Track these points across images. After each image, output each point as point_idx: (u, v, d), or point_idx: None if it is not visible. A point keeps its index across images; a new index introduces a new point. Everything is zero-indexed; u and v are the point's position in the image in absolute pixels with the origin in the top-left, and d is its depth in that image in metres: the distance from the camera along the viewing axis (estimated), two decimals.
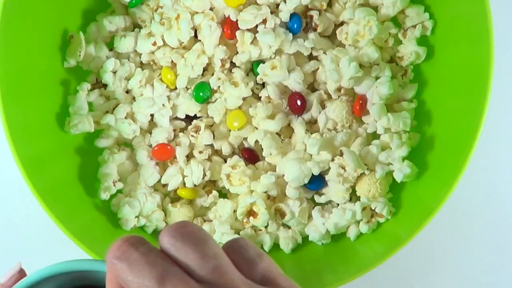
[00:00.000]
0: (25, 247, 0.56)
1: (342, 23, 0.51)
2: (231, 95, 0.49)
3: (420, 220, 0.46)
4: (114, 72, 0.50)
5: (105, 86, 0.51)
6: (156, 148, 0.50)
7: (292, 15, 0.49)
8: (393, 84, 0.49)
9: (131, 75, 0.50)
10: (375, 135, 0.51)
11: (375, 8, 0.50)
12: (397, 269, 0.56)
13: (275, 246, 0.51)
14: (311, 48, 0.50)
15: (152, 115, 0.51)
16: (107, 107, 0.51)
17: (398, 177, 0.48)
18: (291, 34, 0.49)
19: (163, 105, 0.50)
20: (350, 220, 0.49)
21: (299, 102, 0.49)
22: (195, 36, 0.50)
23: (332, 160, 0.48)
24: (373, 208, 0.49)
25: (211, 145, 0.51)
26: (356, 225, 0.50)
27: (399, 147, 0.48)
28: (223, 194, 0.52)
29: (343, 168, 0.48)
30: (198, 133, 0.50)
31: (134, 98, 0.51)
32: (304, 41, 0.49)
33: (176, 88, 0.50)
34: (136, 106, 0.50)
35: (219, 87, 0.49)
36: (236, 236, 0.49)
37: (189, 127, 0.50)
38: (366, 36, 0.48)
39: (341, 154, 0.48)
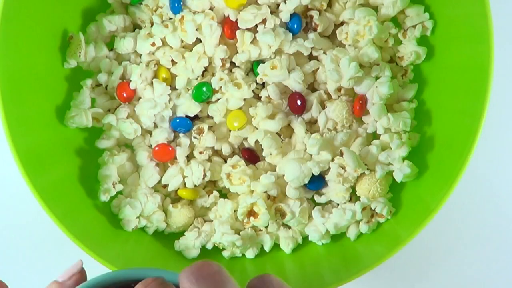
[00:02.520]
0: (25, 247, 0.56)
1: (342, 23, 0.51)
2: (233, 96, 0.49)
3: (420, 220, 0.46)
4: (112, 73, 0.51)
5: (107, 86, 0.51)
6: (157, 148, 0.50)
7: (292, 15, 0.49)
8: (393, 84, 0.49)
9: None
10: (375, 135, 0.51)
11: (375, 8, 0.50)
12: (397, 269, 0.56)
13: (276, 246, 0.51)
14: (311, 48, 0.50)
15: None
16: (110, 105, 0.51)
17: (398, 177, 0.48)
18: (290, 34, 0.49)
19: (165, 104, 0.50)
20: (350, 220, 0.49)
21: (299, 102, 0.49)
22: None
23: (332, 160, 0.48)
24: (373, 208, 0.49)
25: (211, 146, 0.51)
26: (356, 225, 0.50)
27: (399, 147, 0.48)
28: (223, 194, 0.52)
29: (343, 168, 0.48)
30: (201, 135, 0.50)
31: (138, 99, 0.51)
32: (304, 41, 0.49)
33: (176, 88, 0.51)
34: (139, 109, 0.50)
35: (220, 87, 0.49)
36: (236, 236, 0.49)
37: (192, 129, 0.50)
38: (366, 36, 0.48)
39: (341, 154, 0.48)
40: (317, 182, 0.50)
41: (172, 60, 0.50)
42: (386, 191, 0.50)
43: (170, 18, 0.50)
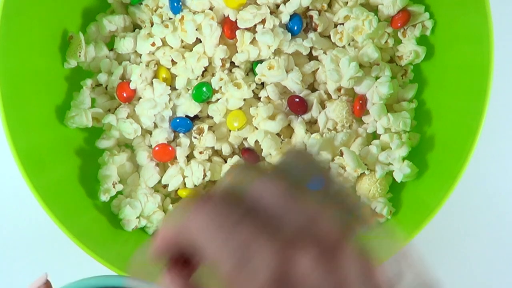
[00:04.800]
0: (26, 247, 0.56)
1: (342, 24, 0.51)
2: (233, 96, 0.49)
3: (420, 220, 0.45)
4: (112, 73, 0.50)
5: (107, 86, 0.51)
6: (157, 148, 0.50)
7: (293, 16, 0.49)
8: (393, 84, 0.49)
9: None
10: (375, 135, 0.51)
11: (375, 8, 0.50)
12: None
13: None
14: (312, 48, 0.50)
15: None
16: (110, 105, 0.51)
17: (398, 177, 0.48)
18: (289, 34, 0.49)
19: (165, 104, 0.49)
20: None
21: (299, 104, 0.49)
22: None
23: (332, 160, 0.48)
24: (373, 208, 0.49)
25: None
26: None
27: (399, 147, 0.48)
28: None
29: (343, 168, 0.48)
30: (202, 135, 0.50)
31: (137, 99, 0.51)
32: (303, 40, 0.49)
33: (176, 88, 0.51)
34: (139, 109, 0.50)
35: (220, 87, 0.49)
36: None
37: (193, 129, 0.50)
38: (365, 31, 0.48)
39: (341, 154, 0.48)
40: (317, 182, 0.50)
41: (172, 60, 0.50)
42: (386, 191, 0.50)
43: (170, 18, 0.50)
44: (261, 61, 0.50)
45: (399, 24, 0.50)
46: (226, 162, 0.51)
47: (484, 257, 0.57)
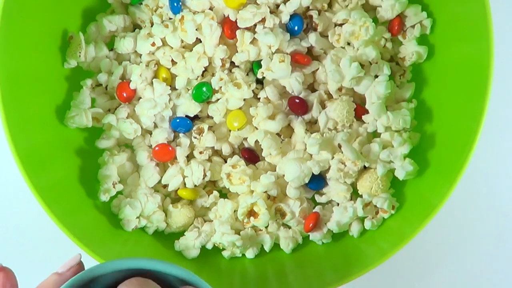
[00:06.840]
0: (26, 247, 0.56)
1: (341, 25, 0.51)
2: (233, 96, 0.49)
3: (422, 218, 0.45)
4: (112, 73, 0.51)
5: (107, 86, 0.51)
6: (157, 148, 0.50)
7: (293, 16, 0.49)
8: (390, 84, 0.49)
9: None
10: (375, 135, 0.51)
11: (374, 10, 0.50)
12: (398, 269, 0.56)
13: (276, 246, 0.51)
14: (312, 48, 0.50)
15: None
16: (110, 105, 0.51)
17: (400, 174, 0.48)
18: (288, 34, 0.49)
19: (165, 104, 0.50)
20: (352, 217, 0.49)
21: (299, 105, 0.49)
22: None
23: (332, 158, 0.48)
24: (374, 204, 0.49)
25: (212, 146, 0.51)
26: (358, 222, 0.50)
27: (401, 145, 0.48)
28: (224, 194, 0.52)
29: (343, 163, 0.47)
30: (201, 135, 0.50)
31: (137, 99, 0.51)
32: (300, 40, 0.49)
33: (176, 88, 0.51)
34: (139, 109, 0.50)
35: (220, 87, 0.49)
36: (236, 236, 0.49)
37: (193, 129, 0.50)
38: (361, 37, 0.48)
39: (339, 147, 0.48)
40: (317, 181, 0.50)
41: (172, 60, 0.50)
42: (388, 188, 0.50)
43: (170, 18, 0.50)
44: (261, 61, 0.50)
45: (396, 28, 0.50)
46: (226, 162, 0.51)
47: (485, 254, 0.57)
